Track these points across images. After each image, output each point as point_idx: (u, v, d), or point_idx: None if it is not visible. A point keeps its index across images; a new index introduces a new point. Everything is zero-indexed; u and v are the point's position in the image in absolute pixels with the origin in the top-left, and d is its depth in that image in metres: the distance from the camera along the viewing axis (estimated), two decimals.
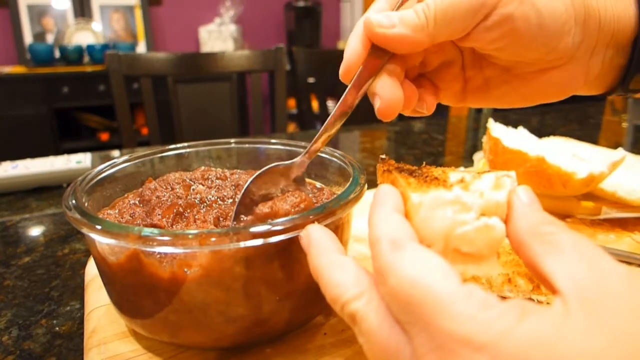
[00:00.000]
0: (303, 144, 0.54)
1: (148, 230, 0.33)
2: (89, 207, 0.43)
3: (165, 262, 0.35)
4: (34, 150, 2.29)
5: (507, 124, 0.70)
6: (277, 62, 1.55)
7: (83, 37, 3.02)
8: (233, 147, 0.57)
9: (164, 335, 0.39)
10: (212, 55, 1.51)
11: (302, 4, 3.38)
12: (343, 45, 3.76)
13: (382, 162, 0.32)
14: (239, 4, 3.34)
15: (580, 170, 0.57)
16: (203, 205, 0.45)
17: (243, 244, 0.33)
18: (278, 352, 0.39)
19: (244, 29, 3.44)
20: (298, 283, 0.38)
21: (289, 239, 0.33)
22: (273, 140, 0.57)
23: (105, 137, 2.96)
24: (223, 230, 0.32)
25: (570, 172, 0.57)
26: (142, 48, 3.18)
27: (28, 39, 2.91)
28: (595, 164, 0.58)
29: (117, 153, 1.11)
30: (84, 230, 0.35)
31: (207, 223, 0.40)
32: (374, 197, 0.29)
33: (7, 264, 0.60)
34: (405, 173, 0.29)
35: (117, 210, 0.45)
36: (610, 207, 0.61)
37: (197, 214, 0.41)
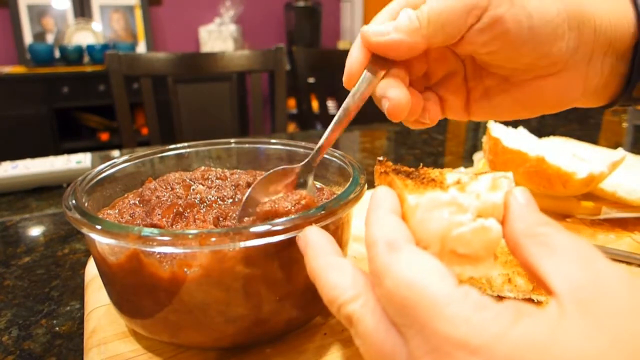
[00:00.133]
0: (303, 144, 0.54)
1: (148, 230, 0.33)
2: (89, 207, 0.43)
3: (165, 262, 0.35)
4: (34, 150, 2.29)
5: (507, 124, 0.70)
6: (277, 62, 1.55)
7: (83, 37, 3.02)
8: (233, 147, 0.57)
9: (164, 335, 0.39)
10: (212, 55, 1.51)
11: (302, 4, 3.39)
12: (343, 45, 3.77)
13: (379, 163, 0.32)
14: (239, 4, 3.34)
15: (580, 170, 0.57)
16: (203, 205, 0.45)
17: (243, 244, 0.33)
18: (278, 352, 0.39)
19: (244, 29, 3.44)
20: (298, 283, 0.38)
21: (289, 239, 0.33)
22: (273, 140, 0.57)
23: (105, 137, 2.96)
24: (223, 230, 0.32)
25: (570, 172, 0.57)
26: (142, 48, 3.18)
27: (28, 39, 2.91)
28: (595, 164, 0.58)
29: (117, 153, 1.11)
30: (84, 230, 0.35)
31: (207, 223, 0.40)
32: (371, 199, 0.29)
33: (7, 264, 0.60)
34: (402, 175, 0.29)
35: (117, 210, 0.45)
36: (610, 207, 0.61)
37: (197, 214, 0.41)
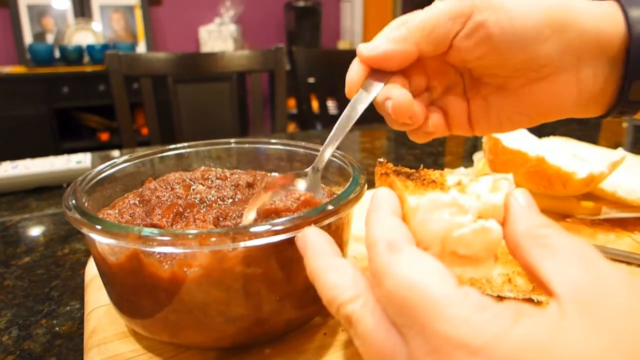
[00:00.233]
0: (303, 144, 0.54)
1: (148, 230, 0.33)
2: (89, 207, 0.43)
3: (165, 262, 0.35)
4: (34, 150, 2.29)
5: None
6: (277, 62, 1.55)
7: (83, 37, 3.02)
8: (233, 147, 0.57)
9: (164, 335, 0.39)
10: (212, 55, 1.51)
11: (302, 4, 3.39)
12: (343, 45, 3.77)
13: (379, 165, 0.32)
14: (239, 4, 3.34)
15: (580, 170, 0.57)
16: (203, 205, 0.45)
17: (243, 244, 0.33)
18: (278, 352, 0.39)
19: (244, 29, 3.44)
20: (298, 283, 0.38)
21: (289, 239, 0.33)
22: (273, 140, 0.57)
23: (105, 137, 2.96)
24: (223, 230, 0.32)
25: (570, 172, 0.57)
26: (142, 48, 3.18)
27: (28, 39, 2.91)
28: (595, 164, 0.58)
29: (117, 153, 1.11)
30: (84, 230, 0.35)
31: (207, 223, 0.40)
32: (372, 200, 0.29)
33: (7, 264, 0.60)
34: (403, 176, 0.30)
35: (117, 210, 0.45)
36: (610, 207, 0.61)
37: (197, 214, 0.41)
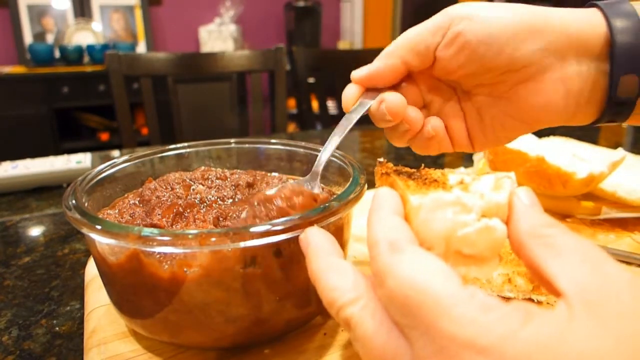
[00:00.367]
0: (303, 144, 0.54)
1: (148, 230, 0.33)
2: (89, 207, 0.43)
3: (165, 262, 0.35)
4: (34, 150, 2.29)
5: None
6: (277, 62, 1.55)
7: (83, 37, 3.02)
8: (233, 147, 0.58)
9: (164, 335, 0.39)
10: (212, 55, 1.51)
11: (302, 4, 3.38)
12: (343, 45, 3.77)
13: (379, 164, 0.32)
14: (239, 4, 3.34)
15: (580, 170, 0.57)
16: (203, 205, 0.45)
17: (243, 244, 0.33)
18: (278, 352, 0.39)
19: (244, 29, 3.44)
20: (298, 283, 0.38)
21: (289, 239, 0.33)
22: (273, 140, 0.57)
23: (105, 137, 2.96)
24: (223, 230, 0.32)
25: (570, 172, 0.57)
26: (142, 48, 3.18)
27: (28, 39, 2.91)
28: (595, 164, 0.58)
29: (117, 153, 1.11)
30: (84, 230, 0.35)
31: (207, 223, 0.40)
32: (373, 199, 0.29)
33: (7, 264, 0.60)
34: (404, 176, 0.29)
35: (117, 210, 0.45)
36: (610, 207, 0.61)
37: (197, 214, 0.41)
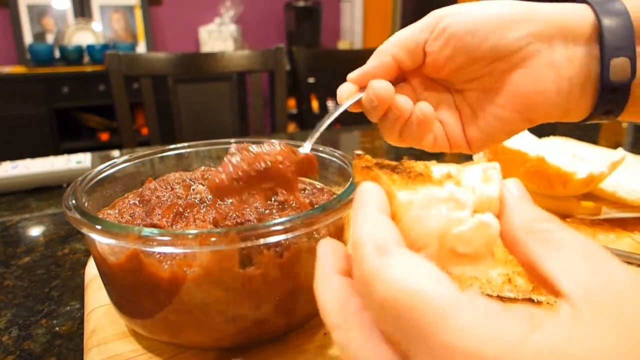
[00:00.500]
0: (303, 144, 0.54)
1: (148, 230, 0.33)
2: (89, 207, 0.43)
3: (165, 262, 0.35)
4: (34, 150, 2.28)
5: None
6: (277, 62, 1.55)
7: (83, 37, 3.02)
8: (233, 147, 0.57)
9: (164, 335, 0.39)
10: (212, 55, 1.51)
11: (302, 4, 3.38)
12: (343, 45, 3.77)
13: (358, 157, 0.29)
14: (239, 4, 3.34)
15: (580, 170, 0.57)
16: (203, 205, 0.45)
17: (243, 244, 0.33)
18: (278, 352, 0.39)
19: (244, 29, 3.44)
20: (297, 283, 0.38)
21: (289, 239, 0.33)
22: (273, 140, 0.56)
23: (105, 137, 2.96)
24: (223, 230, 0.32)
25: (570, 172, 0.57)
26: (142, 48, 3.18)
27: (28, 39, 2.91)
28: (595, 164, 0.58)
29: (117, 153, 1.11)
30: (84, 230, 0.35)
31: (207, 223, 0.40)
32: (357, 195, 0.26)
33: (7, 264, 0.60)
34: (387, 169, 0.27)
35: (117, 210, 0.45)
36: (610, 207, 0.61)
37: (197, 214, 0.41)
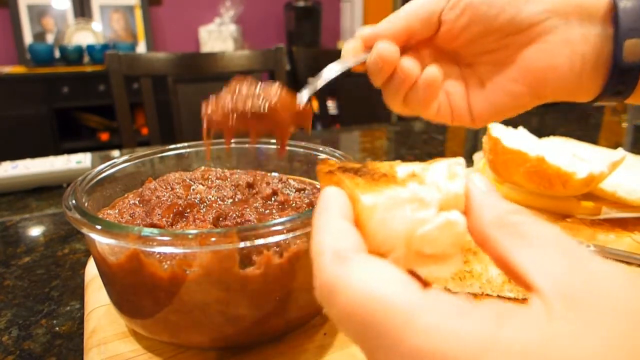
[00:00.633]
0: (303, 144, 0.54)
1: (148, 230, 0.33)
2: (89, 207, 0.43)
3: (165, 262, 0.35)
4: (34, 150, 2.28)
5: (507, 124, 0.70)
6: (277, 62, 1.55)
7: (83, 37, 3.02)
8: (233, 147, 0.57)
9: (164, 335, 0.39)
10: (212, 55, 1.51)
11: (302, 4, 3.38)
12: (343, 45, 3.77)
13: (321, 163, 0.28)
14: (239, 4, 3.34)
15: (580, 170, 0.57)
16: (203, 205, 0.45)
17: (243, 244, 0.33)
18: (278, 352, 0.39)
19: (244, 29, 3.44)
20: (297, 283, 0.38)
21: (289, 239, 0.33)
22: (273, 140, 0.56)
23: (105, 137, 2.96)
24: (223, 230, 0.32)
25: (570, 172, 0.57)
26: (142, 48, 3.18)
27: (28, 39, 2.91)
28: (595, 164, 0.58)
29: (117, 153, 1.11)
30: (84, 230, 0.35)
31: (207, 223, 0.40)
32: (318, 201, 0.25)
33: (7, 264, 0.60)
34: (350, 172, 0.26)
35: (117, 210, 0.45)
36: (610, 207, 0.61)
37: (197, 214, 0.41)
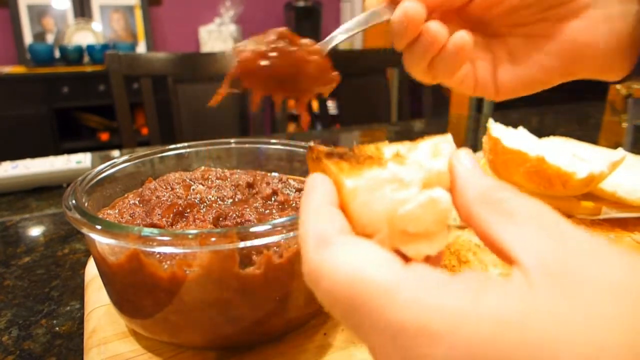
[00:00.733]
0: (303, 144, 0.54)
1: (148, 230, 0.33)
2: (89, 207, 0.43)
3: (165, 262, 0.35)
4: (34, 150, 2.28)
5: (507, 124, 0.70)
6: None
7: (83, 37, 3.02)
8: (233, 147, 0.57)
9: (164, 335, 0.39)
10: (212, 55, 1.51)
11: (302, 4, 3.38)
12: (343, 46, 3.77)
13: (309, 150, 0.27)
14: (239, 4, 3.34)
15: (580, 170, 0.57)
16: (203, 205, 0.45)
17: (243, 244, 0.33)
18: (278, 352, 0.39)
19: (244, 29, 3.44)
20: (297, 283, 0.38)
21: (289, 239, 0.33)
22: (273, 140, 0.57)
23: (105, 137, 2.96)
24: (223, 230, 0.32)
25: (570, 172, 0.57)
26: (142, 48, 3.18)
27: (28, 39, 2.91)
28: (595, 164, 0.58)
29: (117, 153, 1.11)
30: (84, 230, 0.35)
31: (207, 223, 0.40)
32: (304, 190, 0.25)
33: (7, 264, 0.60)
34: (336, 158, 0.26)
35: (117, 210, 0.45)
36: (610, 207, 0.61)
37: (197, 214, 0.41)
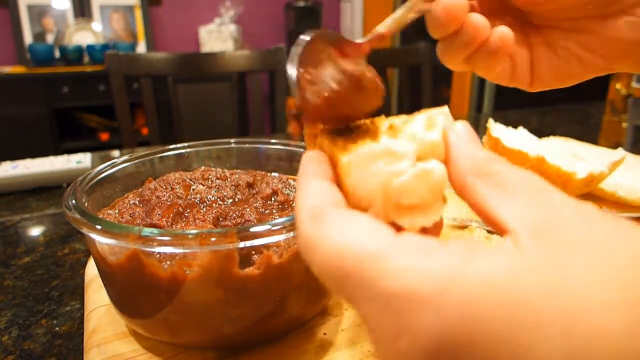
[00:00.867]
0: (303, 144, 0.54)
1: (148, 230, 0.33)
2: (89, 207, 0.43)
3: (165, 262, 0.35)
4: (34, 150, 2.28)
5: (507, 124, 0.70)
6: (277, 62, 1.55)
7: (83, 37, 3.02)
8: (233, 147, 0.57)
9: (164, 335, 0.39)
10: (212, 55, 1.51)
11: (302, 4, 3.38)
12: None
13: (306, 127, 0.27)
14: (239, 4, 3.34)
15: (580, 170, 0.57)
16: (203, 205, 0.45)
17: (243, 244, 0.33)
18: (278, 352, 0.39)
19: (244, 29, 3.44)
20: (297, 283, 0.38)
21: (289, 239, 0.33)
22: (273, 140, 0.57)
23: (105, 137, 2.96)
24: (223, 230, 0.32)
25: (570, 172, 0.57)
26: (142, 48, 3.18)
27: (28, 39, 2.91)
28: (595, 164, 0.58)
29: (117, 153, 1.11)
30: (84, 230, 0.35)
31: (207, 223, 0.40)
32: (299, 167, 0.25)
33: (7, 264, 0.60)
34: (332, 133, 0.26)
35: (117, 210, 0.45)
36: (610, 207, 0.61)
37: (197, 214, 0.41)
